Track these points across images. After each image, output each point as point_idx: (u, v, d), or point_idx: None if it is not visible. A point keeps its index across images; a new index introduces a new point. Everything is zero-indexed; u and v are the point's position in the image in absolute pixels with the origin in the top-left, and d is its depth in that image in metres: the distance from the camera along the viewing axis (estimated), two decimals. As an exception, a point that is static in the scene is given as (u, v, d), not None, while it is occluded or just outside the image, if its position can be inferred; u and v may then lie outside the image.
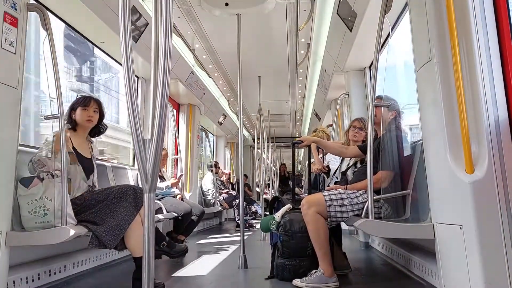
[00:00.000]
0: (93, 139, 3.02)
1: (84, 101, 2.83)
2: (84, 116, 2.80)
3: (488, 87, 1.87)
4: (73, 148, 2.74)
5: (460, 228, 1.85)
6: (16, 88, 2.31)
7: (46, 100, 2.63)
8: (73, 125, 2.82)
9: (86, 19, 3.57)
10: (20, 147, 2.43)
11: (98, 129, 2.98)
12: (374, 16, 3.25)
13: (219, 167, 8.30)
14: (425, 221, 2.23)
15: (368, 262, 3.66)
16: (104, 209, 2.58)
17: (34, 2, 2.53)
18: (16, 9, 2.32)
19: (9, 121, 2.28)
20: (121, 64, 2.80)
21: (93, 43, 4.14)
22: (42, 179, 2.43)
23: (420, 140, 2.45)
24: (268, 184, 8.75)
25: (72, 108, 2.82)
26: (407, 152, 2.73)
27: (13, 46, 2.29)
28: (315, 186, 4.57)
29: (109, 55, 4.48)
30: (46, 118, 2.51)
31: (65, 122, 2.77)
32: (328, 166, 4.39)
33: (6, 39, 2.23)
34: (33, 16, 2.51)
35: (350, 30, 4.11)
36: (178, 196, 4.59)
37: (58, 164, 2.43)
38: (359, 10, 3.67)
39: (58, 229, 2.31)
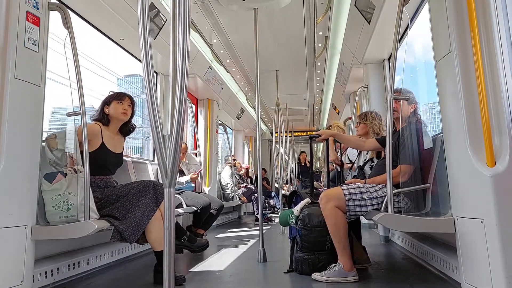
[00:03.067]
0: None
1: (119, 95, 2.91)
2: (119, 109, 2.87)
3: (510, 78, 1.83)
4: (102, 143, 2.78)
5: (481, 222, 1.82)
6: (39, 86, 2.37)
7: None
8: (105, 119, 2.88)
9: (106, 17, 3.63)
10: (44, 143, 2.49)
11: (127, 128, 3.03)
12: (392, 8, 3.22)
13: (234, 159, 8.31)
14: (446, 215, 2.21)
15: (388, 256, 3.63)
16: (125, 204, 2.64)
17: (56, 1, 2.57)
18: (38, 9, 2.37)
19: (33, 118, 2.34)
20: (140, 61, 2.83)
21: (112, 40, 4.20)
22: (65, 175, 2.49)
23: (440, 133, 2.42)
24: (287, 181, 8.75)
25: (106, 103, 2.89)
26: (427, 145, 2.70)
27: (35, 45, 2.35)
28: (334, 180, 4.56)
29: (128, 52, 4.54)
30: (69, 114, 2.56)
31: (97, 117, 2.87)
32: (341, 160, 4.38)
33: (29, 38, 2.29)
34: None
35: (369, 23, 4.07)
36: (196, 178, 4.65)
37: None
38: (378, 2, 3.63)
39: (82, 223, 2.37)
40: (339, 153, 4.54)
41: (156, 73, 5.22)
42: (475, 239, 1.90)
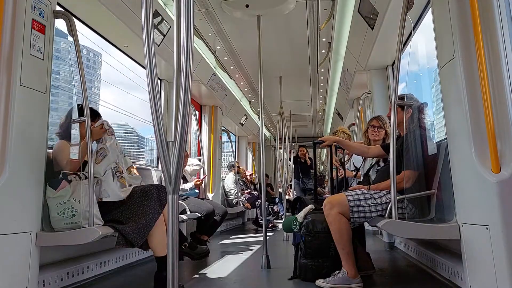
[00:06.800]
0: None
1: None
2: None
3: (514, 84, 1.83)
4: None
5: (487, 228, 1.81)
6: (44, 93, 2.38)
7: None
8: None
9: (110, 24, 3.66)
10: (49, 150, 2.51)
11: None
12: (396, 14, 3.23)
13: (238, 166, 8.27)
14: (451, 222, 2.19)
15: (393, 263, 3.61)
16: (129, 208, 2.63)
17: (61, 9, 2.59)
18: (43, 17, 2.39)
19: (38, 125, 2.36)
20: (144, 67, 2.85)
21: (117, 47, 4.23)
22: (70, 181, 2.50)
23: (444, 139, 2.41)
24: (291, 185, 8.73)
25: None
26: (431, 151, 2.69)
27: (41, 53, 2.37)
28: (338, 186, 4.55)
29: (132, 59, 4.56)
30: (73, 121, 2.58)
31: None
32: (342, 162, 4.38)
33: (34, 45, 2.31)
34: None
35: (372, 28, 4.07)
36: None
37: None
38: (381, 8, 3.63)
39: (86, 229, 2.37)
40: (347, 158, 4.54)
41: (160, 79, 5.25)
42: (480, 246, 1.88)
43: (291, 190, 8.95)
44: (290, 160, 7.51)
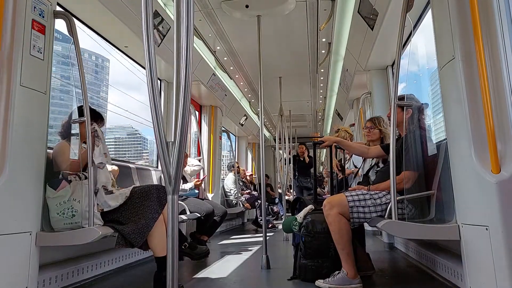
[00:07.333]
0: None
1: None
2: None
3: (514, 84, 1.83)
4: None
5: (487, 229, 1.81)
6: (44, 93, 2.38)
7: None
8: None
9: (111, 25, 3.66)
10: (48, 150, 2.51)
11: None
12: (395, 14, 3.23)
13: (238, 166, 8.25)
14: (450, 222, 2.19)
15: (392, 264, 3.61)
16: (129, 209, 2.63)
17: (61, 9, 2.59)
18: (43, 17, 2.39)
19: (38, 125, 2.35)
20: (144, 68, 2.84)
21: (117, 48, 4.23)
22: (69, 181, 2.50)
23: (444, 140, 2.41)
24: (290, 186, 8.73)
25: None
26: (431, 151, 2.69)
27: (41, 53, 2.37)
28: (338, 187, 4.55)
29: (132, 59, 4.56)
30: (73, 122, 2.58)
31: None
32: (341, 165, 4.38)
33: (34, 46, 2.31)
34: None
35: (372, 29, 4.07)
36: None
37: None
38: (381, 9, 3.64)
39: (86, 229, 2.37)
40: (342, 159, 4.54)
41: (160, 80, 5.25)
42: (480, 247, 1.88)
43: (291, 191, 8.92)
44: (290, 163, 7.49)
